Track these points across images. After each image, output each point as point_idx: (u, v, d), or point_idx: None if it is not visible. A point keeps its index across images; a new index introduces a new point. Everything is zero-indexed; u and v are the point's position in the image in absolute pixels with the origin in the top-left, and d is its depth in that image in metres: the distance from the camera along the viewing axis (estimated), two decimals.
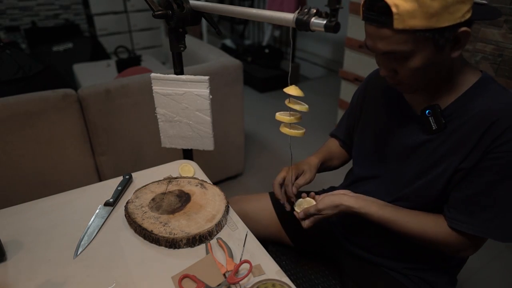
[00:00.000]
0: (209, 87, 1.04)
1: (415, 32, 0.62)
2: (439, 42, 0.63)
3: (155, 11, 0.95)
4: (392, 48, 0.66)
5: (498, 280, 1.68)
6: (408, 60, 0.67)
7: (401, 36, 0.63)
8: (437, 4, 0.58)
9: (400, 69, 0.70)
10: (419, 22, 0.60)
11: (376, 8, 0.63)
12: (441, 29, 0.61)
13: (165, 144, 1.24)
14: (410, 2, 0.59)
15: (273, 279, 0.73)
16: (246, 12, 0.80)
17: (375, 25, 0.65)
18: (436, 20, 0.60)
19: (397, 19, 0.61)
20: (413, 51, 0.65)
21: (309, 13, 0.65)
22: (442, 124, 0.74)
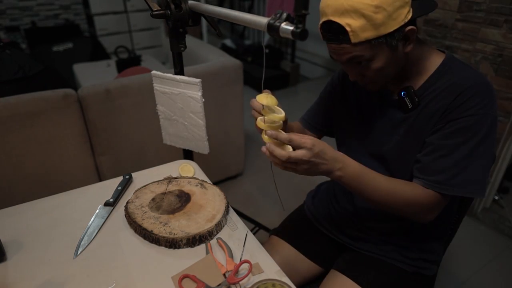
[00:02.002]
0: (201, 89, 1.04)
1: (370, 41, 0.72)
2: (392, 43, 0.73)
3: (153, 10, 0.95)
4: (353, 54, 0.75)
5: (498, 280, 1.68)
6: (371, 63, 0.76)
7: (359, 47, 0.73)
8: (381, 16, 0.68)
9: (366, 72, 0.79)
10: (370, 33, 0.70)
11: (333, 30, 0.72)
12: (390, 34, 0.71)
13: (166, 140, 1.24)
14: (358, 19, 0.69)
15: (273, 279, 0.73)
16: (227, 14, 0.83)
17: (336, 42, 0.74)
18: (384, 28, 0.70)
19: (352, 35, 0.71)
20: (372, 55, 0.75)
21: (280, 18, 0.65)
22: (416, 102, 0.83)
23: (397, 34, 0.72)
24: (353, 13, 0.69)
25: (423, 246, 0.96)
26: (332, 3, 0.71)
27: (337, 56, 0.78)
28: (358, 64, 0.78)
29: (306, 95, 3.72)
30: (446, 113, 0.79)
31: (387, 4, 0.68)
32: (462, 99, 0.77)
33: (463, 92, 0.77)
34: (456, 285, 1.65)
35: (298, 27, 0.61)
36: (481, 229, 1.95)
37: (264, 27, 0.68)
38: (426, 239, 0.96)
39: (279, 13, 0.66)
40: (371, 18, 0.68)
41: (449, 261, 1.70)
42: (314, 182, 1.26)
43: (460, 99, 0.77)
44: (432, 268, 0.98)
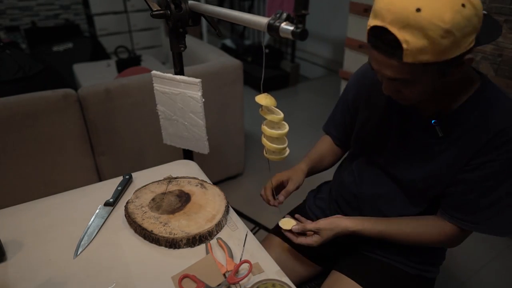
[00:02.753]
0: (201, 90, 1.04)
1: (424, 65, 0.62)
2: (445, 70, 0.65)
3: (153, 10, 0.95)
4: (399, 76, 0.66)
5: (498, 280, 1.68)
6: (414, 85, 0.68)
7: (409, 67, 0.63)
8: (447, 42, 0.59)
9: (404, 91, 0.71)
10: (428, 58, 0.61)
11: (386, 40, 0.62)
12: (448, 61, 0.62)
13: (166, 140, 1.24)
14: (421, 40, 0.59)
15: (273, 279, 0.73)
16: (227, 14, 0.83)
17: (383, 53, 0.64)
18: (445, 55, 0.61)
19: (406, 54, 0.61)
20: (419, 79, 0.66)
21: (280, 18, 0.64)
22: (448, 131, 0.78)
23: (454, 62, 0.63)
24: (417, 31, 0.58)
25: (427, 249, 0.96)
26: (396, 10, 0.59)
27: (379, 69, 0.68)
28: (400, 83, 0.70)
29: (306, 95, 3.72)
30: (483, 152, 0.74)
31: (458, 29, 0.58)
32: (501, 139, 0.71)
33: (501, 133, 0.71)
34: (456, 285, 1.65)
35: (298, 27, 0.61)
36: None
37: (264, 27, 0.67)
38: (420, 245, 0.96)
39: (279, 13, 0.64)
40: (435, 42, 0.58)
41: (449, 261, 1.70)
42: (314, 182, 1.26)
43: (498, 139, 0.71)
44: (435, 271, 0.98)
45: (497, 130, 0.72)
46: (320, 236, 0.87)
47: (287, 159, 0.86)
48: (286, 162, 0.93)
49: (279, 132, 0.79)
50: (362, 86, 0.97)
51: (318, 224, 0.87)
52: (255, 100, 0.75)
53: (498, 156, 0.73)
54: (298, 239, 0.89)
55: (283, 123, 0.80)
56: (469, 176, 0.77)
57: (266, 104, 0.74)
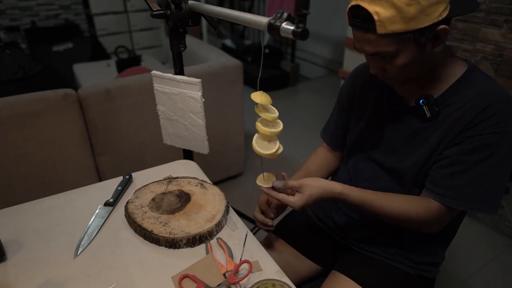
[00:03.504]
0: (201, 89, 1.04)
1: (397, 35, 0.67)
2: (420, 41, 0.69)
3: (153, 10, 0.95)
4: (378, 50, 0.71)
5: (498, 280, 1.68)
6: (394, 59, 0.73)
7: (385, 39, 0.69)
8: (414, 9, 0.64)
9: (388, 67, 0.76)
10: (399, 26, 0.66)
11: (360, 16, 0.68)
12: (420, 30, 0.67)
13: (166, 141, 1.24)
14: (389, 9, 0.64)
15: (273, 279, 0.73)
16: (227, 14, 0.83)
17: (361, 30, 0.70)
18: (414, 23, 0.65)
19: (379, 25, 0.66)
20: (397, 50, 0.70)
21: (281, 18, 0.65)
22: (436, 111, 0.80)
23: (427, 32, 0.68)
24: (384, 2, 0.64)
25: (427, 249, 0.95)
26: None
27: (360, 46, 0.74)
28: (382, 59, 0.74)
29: (306, 95, 3.72)
30: (467, 128, 0.76)
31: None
32: (485, 115, 0.74)
33: (487, 108, 0.74)
34: (456, 285, 1.65)
35: (299, 26, 0.62)
36: (481, 229, 1.95)
37: (264, 27, 0.68)
38: (431, 243, 0.96)
39: (279, 13, 0.65)
40: (402, 10, 0.64)
41: (449, 261, 1.70)
42: None
43: (483, 115, 0.74)
44: (435, 271, 0.98)
45: (482, 107, 0.74)
46: (302, 194, 0.80)
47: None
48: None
49: (272, 130, 0.78)
50: (354, 84, 0.99)
51: (302, 180, 0.81)
52: (251, 97, 0.75)
53: (482, 131, 0.74)
54: (279, 195, 0.81)
55: (278, 121, 0.79)
56: (453, 150, 0.78)
57: (261, 102, 0.74)
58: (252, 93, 0.75)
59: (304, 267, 1.06)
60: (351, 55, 2.54)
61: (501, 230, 1.93)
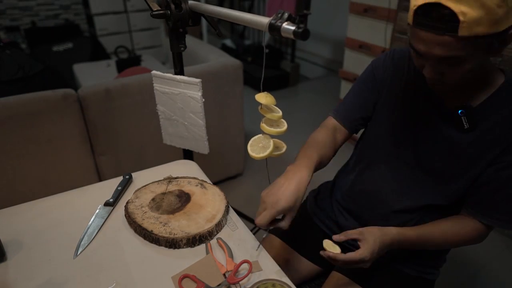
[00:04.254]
0: (201, 89, 1.04)
1: (478, 38, 0.61)
2: (495, 45, 0.64)
3: (153, 10, 0.95)
4: (451, 53, 0.64)
5: (498, 280, 1.68)
6: (461, 64, 0.66)
7: (462, 42, 0.62)
8: (502, 11, 0.58)
9: (449, 72, 0.69)
10: (484, 29, 0.60)
11: (439, 16, 0.60)
12: (499, 33, 0.61)
13: (166, 140, 1.24)
14: (477, 10, 0.58)
15: (273, 279, 0.73)
16: (227, 14, 0.82)
17: (434, 31, 0.62)
18: (497, 25, 0.60)
19: (463, 27, 0.59)
20: (469, 55, 0.64)
21: (282, 18, 0.64)
22: (474, 123, 0.76)
23: (502, 35, 0.62)
24: (473, 1, 0.57)
25: (429, 252, 0.95)
26: None
27: (428, 49, 0.65)
28: (446, 64, 0.67)
29: (306, 95, 3.72)
30: (509, 151, 0.73)
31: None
32: None
33: None
34: (456, 285, 1.65)
35: (299, 27, 0.61)
36: None
37: (265, 27, 0.68)
38: None
39: (280, 13, 0.65)
40: (492, 11, 0.57)
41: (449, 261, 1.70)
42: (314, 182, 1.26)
43: None
44: (435, 273, 0.97)
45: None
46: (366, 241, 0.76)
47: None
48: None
49: (277, 130, 0.78)
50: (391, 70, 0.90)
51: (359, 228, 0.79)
52: (255, 98, 0.75)
53: None
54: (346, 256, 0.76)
55: (282, 121, 0.80)
56: (502, 174, 0.76)
57: (266, 102, 0.75)
58: (257, 94, 0.75)
59: (304, 267, 1.06)
60: (351, 55, 2.54)
61: (501, 230, 1.93)
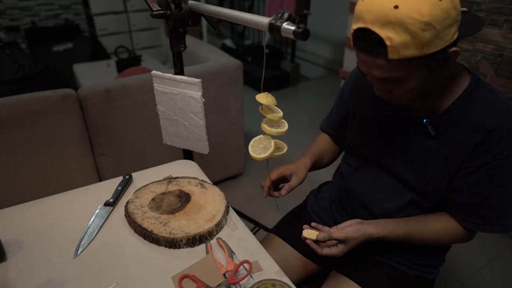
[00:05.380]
0: (201, 89, 1.04)
1: (409, 60, 0.64)
2: (432, 65, 0.66)
3: (153, 10, 0.95)
4: (387, 75, 0.68)
5: (498, 280, 1.68)
6: (403, 83, 0.70)
7: (396, 65, 0.65)
8: (428, 34, 0.61)
9: (395, 90, 0.73)
10: (412, 52, 0.62)
11: (370, 40, 0.64)
12: (433, 54, 0.64)
13: (166, 141, 1.24)
14: (403, 35, 0.61)
15: (273, 279, 0.73)
16: (227, 14, 0.82)
17: (369, 55, 0.66)
18: (428, 47, 0.62)
19: (391, 51, 0.63)
20: (408, 76, 0.68)
21: (282, 18, 0.64)
22: (440, 131, 0.78)
23: (439, 55, 0.65)
24: (397, 27, 0.60)
25: (428, 251, 0.95)
26: (375, 10, 0.61)
27: (367, 70, 0.71)
28: (390, 83, 0.71)
29: (306, 95, 3.72)
30: (478, 153, 0.75)
31: (438, 22, 0.60)
32: (493, 139, 0.72)
33: (494, 131, 0.72)
34: (456, 285, 1.65)
35: (299, 27, 0.61)
36: None
37: (265, 27, 0.67)
38: (432, 246, 0.96)
39: (280, 13, 0.65)
40: (417, 35, 0.60)
41: (449, 261, 1.70)
42: (314, 182, 1.26)
43: (491, 139, 0.73)
44: (435, 272, 0.98)
45: (488, 131, 0.72)
46: (345, 245, 0.83)
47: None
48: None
49: (278, 130, 0.79)
50: (359, 80, 0.97)
51: (345, 233, 0.83)
52: (256, 99, 0.75)
53: (493, 157, 0.74)
54: (324, 250, 0.84)
55: (283, 121, 0.80)
56: (470, 179, 0.78)
57: (267, 102, 0.75)
58: (257, 95, 0.75)
59: (304, 267, 1.06)
60: (351, 55, 2.54)
61: None
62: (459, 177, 0.79)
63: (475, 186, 0.78)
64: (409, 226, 0.86)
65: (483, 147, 0.74)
